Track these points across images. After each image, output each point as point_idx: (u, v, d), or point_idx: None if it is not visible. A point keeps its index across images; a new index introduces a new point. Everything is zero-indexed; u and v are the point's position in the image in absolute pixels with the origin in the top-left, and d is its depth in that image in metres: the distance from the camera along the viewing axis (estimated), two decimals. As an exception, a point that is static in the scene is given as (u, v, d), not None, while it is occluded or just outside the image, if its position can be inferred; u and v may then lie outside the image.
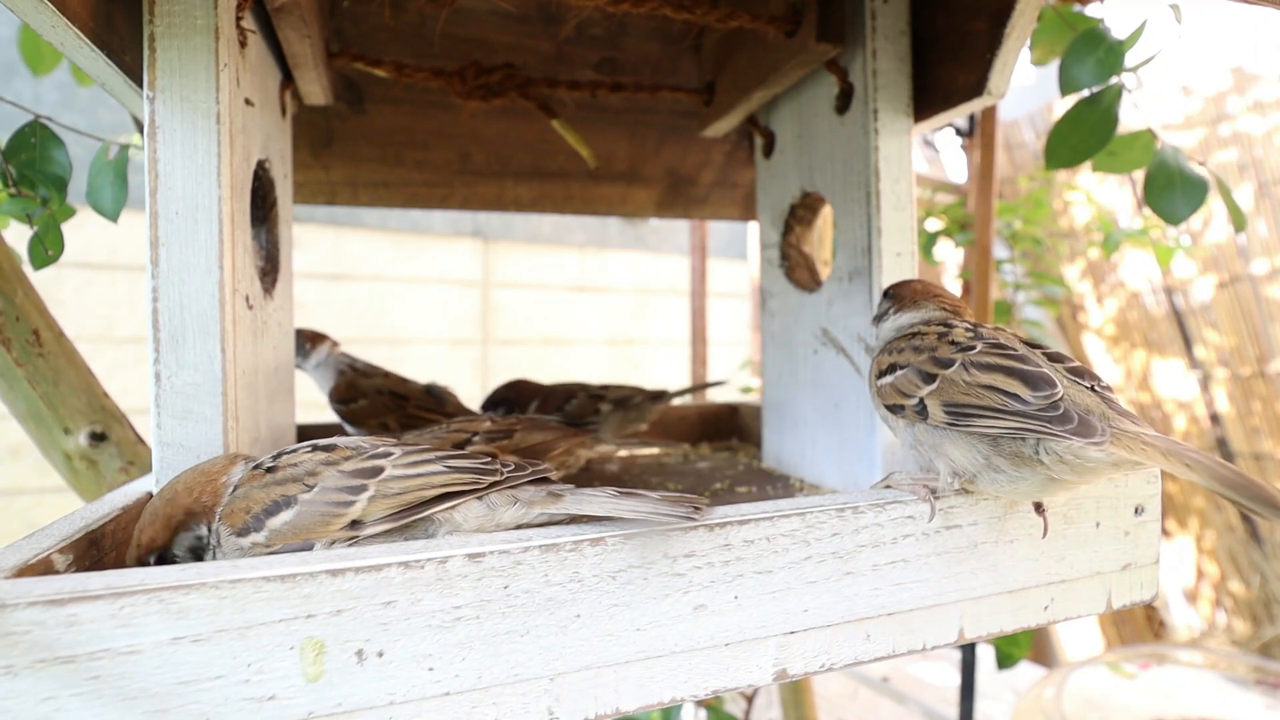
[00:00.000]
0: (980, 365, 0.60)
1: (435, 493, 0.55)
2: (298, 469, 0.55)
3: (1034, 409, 0.55)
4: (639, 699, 0.51)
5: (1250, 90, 3.33)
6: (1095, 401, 0.56)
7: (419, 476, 0.55)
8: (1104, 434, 0.52)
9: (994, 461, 0.58)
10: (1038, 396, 0.55)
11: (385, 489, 0.54)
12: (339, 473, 0.55)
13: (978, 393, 0.58)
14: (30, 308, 0.97)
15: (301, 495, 0.54)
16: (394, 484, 0.55)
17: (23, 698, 0.39)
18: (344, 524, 0.53)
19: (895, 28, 0.86)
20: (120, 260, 2.83)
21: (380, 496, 0.54)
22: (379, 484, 0.54)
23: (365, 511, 0.53)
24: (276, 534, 0.53)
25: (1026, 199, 2.77)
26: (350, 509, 0.53)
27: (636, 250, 4.18)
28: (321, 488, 0.54)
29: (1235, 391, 3.50)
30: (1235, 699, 1.96)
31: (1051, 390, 0.55)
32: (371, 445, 0.58)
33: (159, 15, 0.62)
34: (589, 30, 1.15)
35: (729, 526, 0.53)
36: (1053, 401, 0.55)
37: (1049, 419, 0.54)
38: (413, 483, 0.55)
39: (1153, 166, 1.02)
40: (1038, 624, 0.65)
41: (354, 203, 1.13)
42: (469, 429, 0.80)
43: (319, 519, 0.53)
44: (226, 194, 0.63)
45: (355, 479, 0.55)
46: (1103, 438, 0.52)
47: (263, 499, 0.54)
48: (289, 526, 0.53)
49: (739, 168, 1.32)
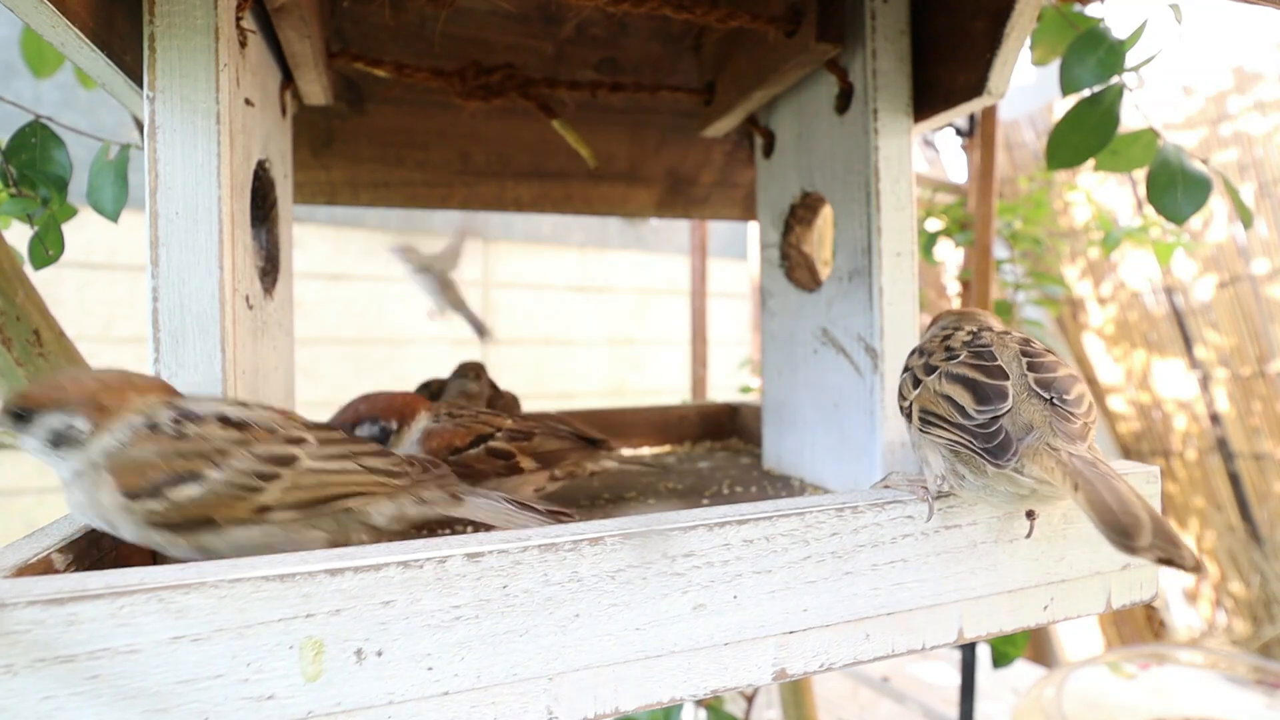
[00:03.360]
0: (949, 375, 0.61)
1: (350, 490, 0.57)
2: (206, 444, 0.53)
3: (973, 424, 0.56)
4: (638, 698, 0.51)
5: (1251, 90, 3.33)
6: (1042, 418, 0.56)
7: (336, 474, 0.57)
8: (1010, 460, 0.54)
9: (958, 469, 0.59)
10: (980, 411, 0.56)
11: (301, 480, 0.55)
12: (251, 455, 0.54)
13: (937, 401, 0.60)
14: (31, 307, 0.97)
15: (210, 473, 0.53)
16: (310, 476, 0.55)
17: (22, 696, 0.39)
18: (253, 507, 0.53)
19: (895, 28, 0.86)
20: (120, 260, 2.83)
21: (295, 487, 0.54)
22: (295, 475, 0.55)
23: (278, 499, 0.54)
24: (177, 507, 0.52)
25: (1026, 199, 2.77)
26: (262, 494, 0.53)
27: (636, 250, 4.17)
28: (232, 468, 0.53)
29: (1235, 391, 3.49)
30: (1235, 699, 1.96)
31: (998, 406, 0.56)
32: (284, 428, 0.57)
33: (159, 15, 0.62)
34: (589, 30, 1.15)
35: (728, 526, 0.53)
36: (992, 418, 0.56)
37: (979, 436, 0.55)
38: (330, 478, 0.56)
39: (1155, 165, 1.01)
40: (1037, 624, 0.65)
41: (354, 203, 1.13)
42: (493, 424, 0.81)
43: (227, 499, 0.53)
44: (226, 194, 0.63)
45: (269, 465, 0.54)
46: (1006, 461, 0.54)
47: (163, 467, 0.52)
48: (193, 503, 0.52)
49: (739, 168, 1.32)
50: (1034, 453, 0.54)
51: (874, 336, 0.85)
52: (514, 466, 0.80)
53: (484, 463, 0.78)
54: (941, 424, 0.58)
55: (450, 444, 0.78)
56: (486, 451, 0.79)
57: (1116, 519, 0.46)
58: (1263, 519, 3.46)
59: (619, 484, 1.02)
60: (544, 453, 0.83)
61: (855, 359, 0.89)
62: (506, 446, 0.81)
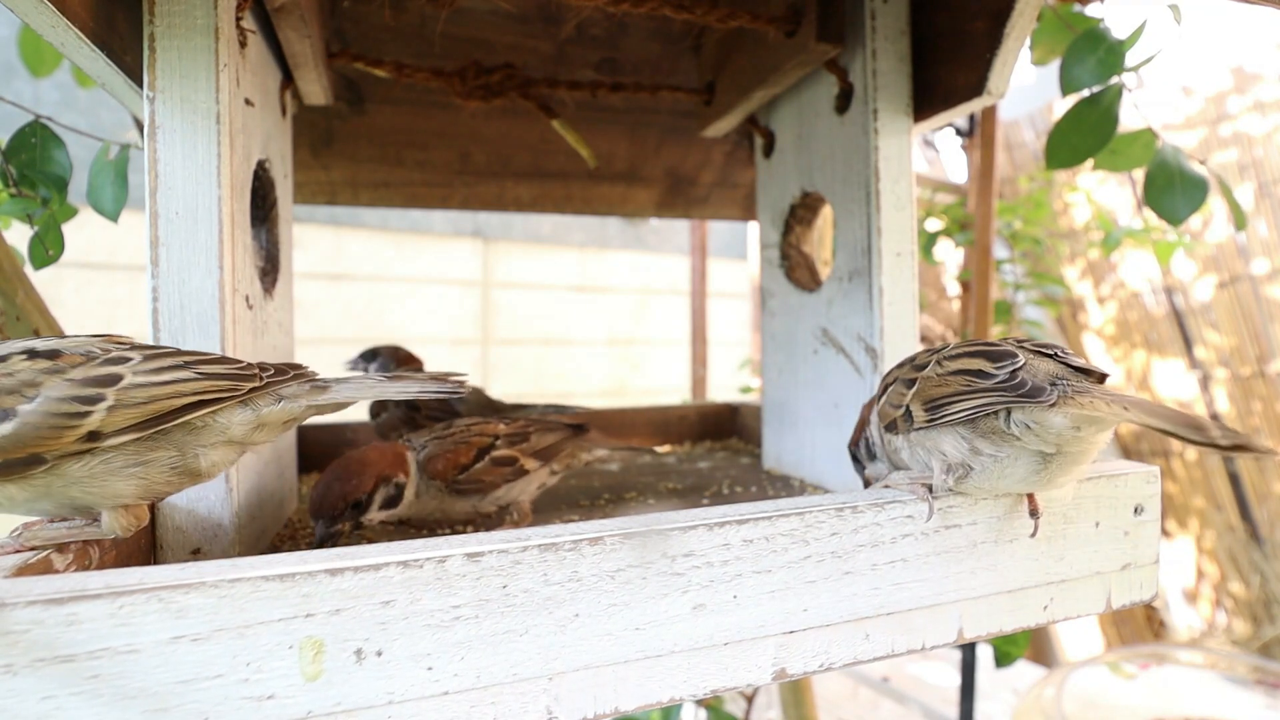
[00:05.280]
0: (949, 357, 0.63)
1: (187, 400, 0.52)
2: (12, 379, 0.50)
3: (995, 382, 0.57)
4: (638, 698, 0.51)
5: (1251, 90, 3.33)
6: (1058, 368, 0.58)
7: (167, 384, 0.52)
8: (1051, 394, 0.54)
9: (976, 445, 0.59)
10: (999, 368, 0.58)
11: (128, 397, 0.51)
12: (67, 382, 0.50)
13: (947, 381, 0.61)
14: (31, 307, 0.97)
15: (21, 407, 0.49)
16: (138, 392, 0.51)
17: (22, 696, 0.39)
18: (79, 435, 0.50)
19: (895, 28, 0.86)
20: (120, 260, 2.83)
21: (122, 406, 0.50)
22: (119, 392, 0.51)
23: (105, 422, 0.50)
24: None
25: (1026, 199, 2.77)
26: (86, 420, 0.50)
27: (636, 250, 4.18)
28: (46, 397, 0.49)
29: (1235, 391, 3.49)
30: (1235, 699, 1.96)
31: (1013, 362, 0.58)
32: (103, 350, 0.53)
33: (159, 15, 0.62)
34: (589, 30, 1.15)
35: (728, 526, 0.53)
36: (1012, 371, 0.57)
37: (1007, 388, 0.56)
38: (160, 390, 0.52)
39: (1153, 166, 1.01)
40: (1037, 624, 0.65)
41: (354, 203, 1.13)
42: (489, 432, 0.81)
43: (47, 431, 0.49)
44: (226, 194, 0.63)
45: (89, 388, 0.50)
46: (1049, 398, 0.54)
47: None
48: (9, 441, 0.49)
49: (739, 168, 1.32)
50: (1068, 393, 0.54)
51: (874, 336, 0.85)
52: (520, 470, 0.80)
53: (491, 474, 0.78)
54: (959, 398, 0.59)
55: (457, 463, 0.76)
56: (491, 462, 0.78)
57: (1185, 419, 0.47)
58: (1263, 519, 3.46)
59: (619, 484, 1.02)
60: (542, 449, 0.83)
61: (855, 359, 0.89)
62: (508, 452, 0.80)
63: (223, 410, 0.54)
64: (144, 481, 0.53)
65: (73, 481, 0.51)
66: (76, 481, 0.51)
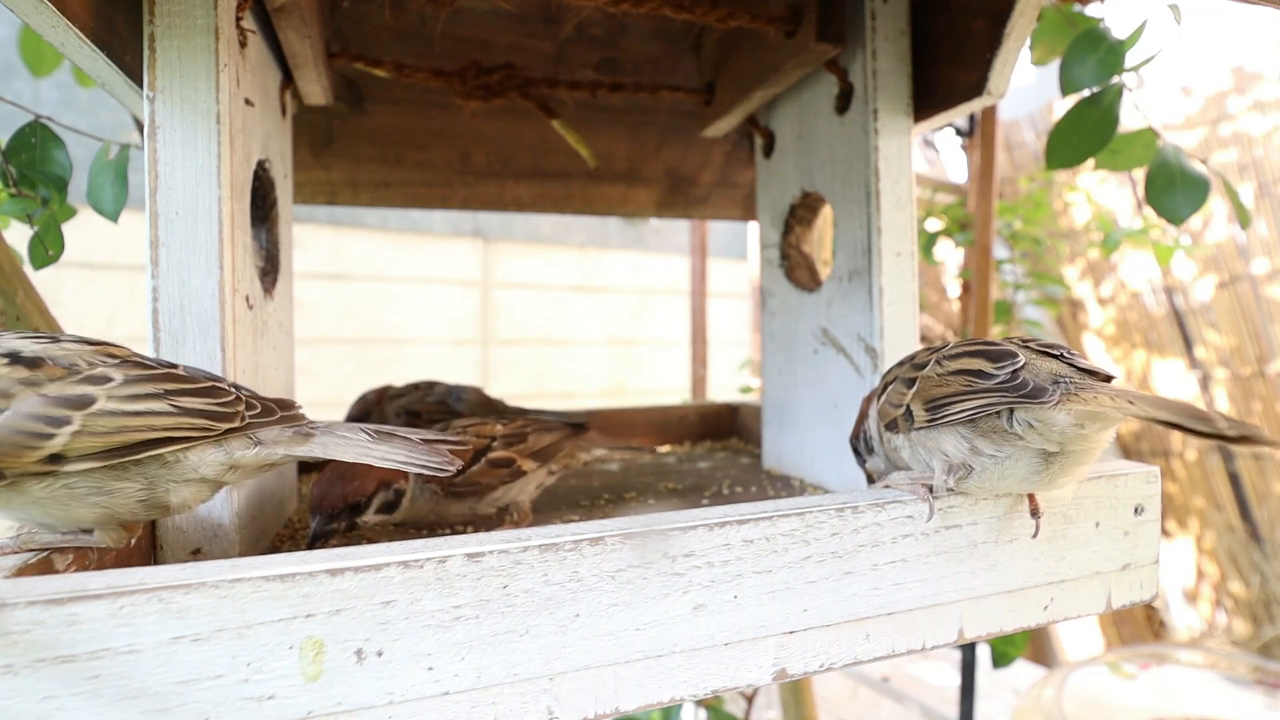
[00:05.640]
0: (949, 356, 0.62)
1: (156, 435, 0.49)
2: None
3: (997, 381, 0.57)
4: (638, 699, 0.51)
5: (1251, 90, 3.33)
6: (1060, 367, 0.58)
7: (139, 415, 0.49)
8: (1054, 393, 0.54)
9: (977, 445, 0.59)
10: (999, 368, 0.58)
11: (94, 424, 0.48)
12: (40, 397, 0.47)
13: (947, 381, 0.60)
14: (31, 307, 0.97)
15: None
16: (105, 420, 0.48)
17: (22, 697, 0.39)
18: (40, 457, 0.47)
19: (895, 28, 0.86)
20: (120, 260, 2.83)
21: (87, 433, 0.48)
22: (86, 418, 0.48)
23: (68, 447, 0.47)
24: None
25: (1026, 199, 2.77)
26: (49, 442, 0.47)
27: (636, 250, 4.18)
28: (15, 412, 0.47)
29: (1235, 391, 3.49)
30: (1235, 699, 1.96)
31: (1013, 361, 0.58)
32: (88, 364, 0.50)
33: (159, 15, 0.62)
34: (589, 30, 1.15)
35: (728, 526, 0.53)
36: (1013, 372, 0.57)
37: (1009, 389, 0.56)
38: (130, 421, 0.49)
39: (1154, 166, 1.01)
40: (1037, 624, 0.65)
41: (354, 203, 1.13)
42: (486, 434, 0.80)
43: (8, 448, 0.46)
44: (226, 194, 0.63)
45: (58, 408, 0.47)
46: (1051, 398, 0.54)
47: None
48: None
49: (739, 168, 1.32)
50: (1071, 391, 0.54)
51: (874, 336, 0.85)
52: (517, 471, 0.80)
53: (488, 475, 0.77)
54: (959, 398, 0.58)
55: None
56: (488, 464, 0.78)
57: (1191, 411, 0.47)
58: (1263, 519, 3.46)
59: (619, 484, 1.02)
60: (540, 449, 0.83)
61: (855, 359, 0.89)
62: (505, 454, 0.79)
63: (194, 449, 0.52)
64: (107, 511, 0.51)
65: (33, 501, 0.49)
66: (37, 501, 0.49)
